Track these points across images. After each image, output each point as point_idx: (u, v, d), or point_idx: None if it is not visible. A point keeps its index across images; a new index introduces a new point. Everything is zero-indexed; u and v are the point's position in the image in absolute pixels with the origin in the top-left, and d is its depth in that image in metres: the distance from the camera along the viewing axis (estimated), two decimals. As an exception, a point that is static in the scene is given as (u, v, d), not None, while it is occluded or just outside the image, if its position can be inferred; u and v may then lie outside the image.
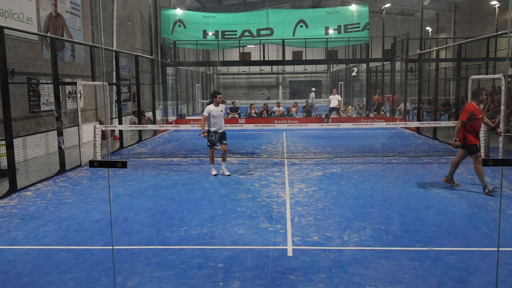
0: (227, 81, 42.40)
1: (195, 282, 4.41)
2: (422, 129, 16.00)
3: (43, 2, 13.32)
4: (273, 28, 24.39)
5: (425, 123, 13.85)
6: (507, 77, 10.74)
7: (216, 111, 9.23)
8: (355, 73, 27.24)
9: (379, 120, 19.80)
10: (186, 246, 5.38)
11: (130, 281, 4.45)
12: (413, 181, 8.62)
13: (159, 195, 7.84)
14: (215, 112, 9.23)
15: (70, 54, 14.96)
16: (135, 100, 16.73)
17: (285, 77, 40.88)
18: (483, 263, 4.80)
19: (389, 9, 31.57)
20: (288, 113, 22.93)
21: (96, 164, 3.38)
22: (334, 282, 4.37)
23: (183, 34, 24.42)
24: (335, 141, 14.40)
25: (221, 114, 9.31)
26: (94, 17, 17.15)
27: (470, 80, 12.41)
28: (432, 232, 5.75)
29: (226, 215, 6.59)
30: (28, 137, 11.10)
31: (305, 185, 8.50)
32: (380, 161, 10.87)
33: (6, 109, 7.99)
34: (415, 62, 21.23)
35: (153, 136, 16.69)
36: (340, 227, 5.98)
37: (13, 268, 4.81)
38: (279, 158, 11.49)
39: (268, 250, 5.20)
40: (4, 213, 6.85)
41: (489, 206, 6.86)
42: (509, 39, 3.31)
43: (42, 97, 12.77)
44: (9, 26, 8.77)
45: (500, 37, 19.00)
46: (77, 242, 5.59)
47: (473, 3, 27.52)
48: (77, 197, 7.78)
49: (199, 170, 10.09)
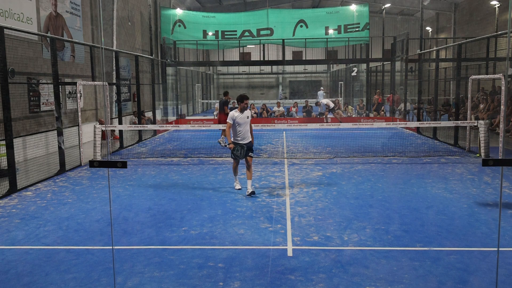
0: (227, 81, 42.40)
1: (195, 282, 4.41)
2: (422, 129, 16.00)
3: (43, 2, 13.32)
4: (273, 28, 24.39)
5: (425, 123, 13.85)
6: (507, 77, 10.75)
7: (241, 117, 7.78)
8: (355, 73, 27.24)
9: (379, 120, 19.81)
10: (186, 246, 5.38)
11: (130, 281, 4.45)
12: (413, 181, 8.61)
13: (159, 195, 7.84)
14: (241, 119, 7.77)
15: (70, 54, 14.96)
16: (135, 100, 16.73)
17: (285, 77, 40.88)
18: (483, 263, 4.80)
19: (389, 9, 31.56)
20: (288, 113, 22.93)
21: (96, 164, 3.38)
22: (334, 282, 4.37)
23: (183, 34, 24.42)
24: (335, 141, 14.39)
25: (247, 121, 7.84)
26: (94, 17, 17.15)
27: (470, 80, 12.41)
28: (432, 232, 5.75)
29: (226, 215, 6.59)
30: (28, 137, 11.10)
31: (305, 185, 8.49)
32: (380, 161, 10.87)
33: (6, 109, 7.99)
34: (415, 62, 21.22)
35: (153, 136, 16.69)
36: (340, 227, 5.98)
37: (13, 268, 4.81)
38: (279, 158, 11.49)
39: (268, 250, 5.20)
40: (4, 213, 6.85)
41: (489, 206, 6.86)
42: (509, 39, 3.31)
43: (42, 97, 12.77)
44: (9, 26, 8.77)
45: (500, 37, 18.99)
46: (77, 242, 5.59)
47: (473, 3, 27.51)
48: (77, 197, 7.78)
49: (199, 170, 10.09)
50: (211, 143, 14.21)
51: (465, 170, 9.58)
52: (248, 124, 7.88)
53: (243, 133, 7.80)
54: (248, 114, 7.88)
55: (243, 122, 7.79)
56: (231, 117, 7.81)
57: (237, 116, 7.78)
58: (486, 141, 10.84)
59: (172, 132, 18.13)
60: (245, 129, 7.81)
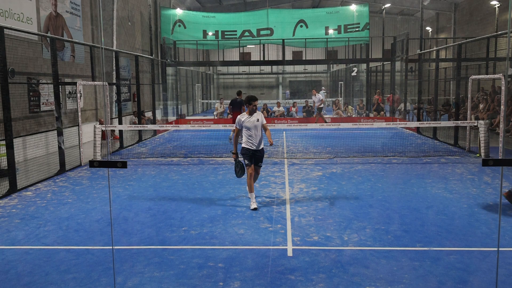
0: (227, 81, 42.40)
1: (195, 282, 4.41)
2: (422, 129, 16.00)
3: (43, 2, 13.32)
4: (273, 28, 24.39)
5: (425, 123, 13.85)
6: (507, 77, 10.75)
7: (249, 121, 7.03)
8: (355, 73, 27.25)
9: (379, 120, 19.81)
10: (186, 246, 5.38)
11: (130, 281, 4.45)
12: (413, 181, 8.61)
13: (159, 195, 7.84)
14: (249, 123, 7.02)
15: (70, 54, 14.96)
16: (135, 100, 16.73)
17: (285, 77, 40.87)
18: (483, 263, 4.80)
19: (389, 9, 31.57)
20: (288, 113, 22.93)
21: (96, 164, 3.38)
22: (334, 282, 4.37)
23: (183, 34, 24.42)
24: (335, 141, 14.40)
25: (257, 125, 7.05)
26: (94, 17, 17.15)
27: (470, 80, 12.41)
28: (432, 232, 5.75)
29: (226, 215, 6.59)
30: (28, 137, 11.10)
31: (305, 185, 8.49)
32: (380, 161, 10.87)
33: (6, 109, 7.99)
34: (415, 62, 21.23)
35: (153, 136, 16.69)
36: (340, 227, 5.98)
37: (13, 268, 4.81)
38: (279, 158, 11.49)
39: (268, 250, 5.20)
40: (4, 213, 6.85)
41: (489, 206, 6.86)
42: (509, 39, 3.31)
43: (42, 97, 12.77)
44: (9, 26, 8.77)
45: (500, 37, 19.00)
46: (77, 242, 5.59)
47: (473, 3, 27.52)
48: (77, 197, 7.78)
49: (199, 170, 10.09)
50: (211, 143, 14.22)
51: (465, 170, 9.58)
52: (260, 128, 7.08)
53: (255, 138, 7.03)
54: (258, 117, 7.08)
55: (252, 126, 7.02)
56: (238, 121, 7.11)
57: (245, 120, 7.04)
58: (486, 141, 10.85)
59: (172, 132, 18.13)
60: (256, 133, 7.04)
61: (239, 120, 7.09)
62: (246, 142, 7.07)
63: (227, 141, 14.29)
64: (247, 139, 7.07)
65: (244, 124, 7.05)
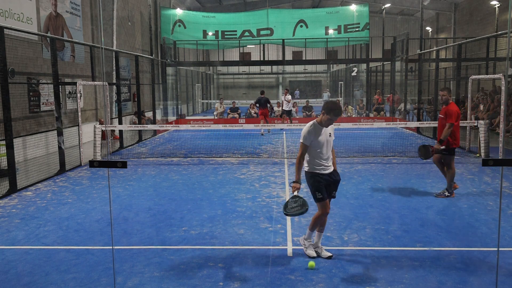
0: (227, 81, 42.41)
1: (195, 282, 4.41)
2: (422, 129, 16.00)
3: (43, 2, 13.32)
4: (273, 28, 24.39)
5: (425, 123, 13.85)
6: (507, 77, 10.75)
7: (322, 136, 4.95)
8: (355, 73, 27.25)
9: (379, 120, 19.81)
10: (186, 246, 5.38)
11: (130, 281, 4.45)
12: (413, 181, 8.61)
13: (159, 195, 7.84)
14: (322, 138, 4.94)
15: (70, 54, 14.96)
16: (135, 100, 16.73)
17: (285, 77, 40.88)
18: (483, 263, 4.80)
19: (389, 9, 31.56)
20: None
21: (96, 164, 3.38)
22: (334, 282, 4.37)
23: (183, 34, 24.42)
24: (335, 141, 14.31)
25: (329, 140, 5.05)
26: (94, 17, 17.15)
27: (470, 80, 12.41)
28: (432, 232, 5.75)
29: (226, 215, 6.59)
30: (28, 137, 11.10)
31: (304, 185, 8.47)
32: (380, 161, 10.86)
33: (6, 109, 7.99)
34: (415, 62, 21.23)
35: (153, 136, 16.68)
36: (340, 227, 5.98)
37: (13, 268, 4.81)
38: (279, 158, 11.49)
39: (268, 250, 5.20)
40: (4, 213, 6.85)
41: (489, 206, 6.86)
42: (509, 39, 3.31)
43: (42, 97, 12.77)
44: (9, 26, 8.77)
45: (500, 37, 19.00)
46: (77, 242, 5.58)
47: (473, 3, 27.51)
48: (77, 197, 7.78)
49: (199, 170, 10.09)
50: (211, 143, 14.21)
51: (465, 170, 9.58)
52: (331, 145, 5.11)
53: (326, 159, 5.03)
54: (331, 131, 5.08)
55: (325, 142, 4.96)
56: (307, 137, 4.88)
57: (317, 134, 4.89)
58: (486, 141, 10.84)
59: (172, 132, 18.12)
60: (328, 153, 5.04)
61: (309, 134, 4.87)
62: (315, 164, 5.01)
63: (227, 141, 14.29)
64: (314, 163, 5.00)
65: (317, 140, 4.89)
